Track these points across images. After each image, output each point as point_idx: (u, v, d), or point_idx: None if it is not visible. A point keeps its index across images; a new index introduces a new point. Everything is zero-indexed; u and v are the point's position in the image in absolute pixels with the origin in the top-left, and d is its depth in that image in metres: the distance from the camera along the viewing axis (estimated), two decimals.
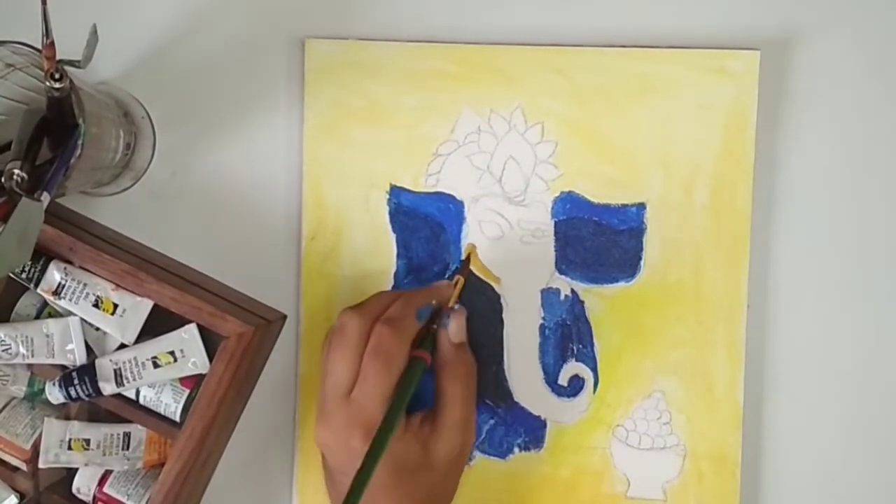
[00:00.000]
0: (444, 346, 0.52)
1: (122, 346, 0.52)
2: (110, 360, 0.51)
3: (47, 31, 0.42)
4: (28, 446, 0.53)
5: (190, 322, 0.51)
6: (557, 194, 0.54)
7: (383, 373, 0.48)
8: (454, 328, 0.52)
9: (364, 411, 0.48)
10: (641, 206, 0.54)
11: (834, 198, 0.55)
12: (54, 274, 0.51)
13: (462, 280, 0.54)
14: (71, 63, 0.45)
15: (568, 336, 0.55)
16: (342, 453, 0.49)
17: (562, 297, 0.55)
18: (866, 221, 0.55)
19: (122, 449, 0.54)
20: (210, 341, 0.51)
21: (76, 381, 0.51)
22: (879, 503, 0.56)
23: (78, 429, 0.53)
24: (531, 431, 0.56)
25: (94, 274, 0.51)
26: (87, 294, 0.51)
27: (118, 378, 0.51)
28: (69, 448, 0.53)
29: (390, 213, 0.55)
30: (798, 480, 0.56)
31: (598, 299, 0.55)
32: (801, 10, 0.54)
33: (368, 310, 0.50)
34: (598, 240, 0.55)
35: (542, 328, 0.55)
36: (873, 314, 0.55)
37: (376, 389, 0.48)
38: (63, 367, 0.52)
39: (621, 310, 0.55)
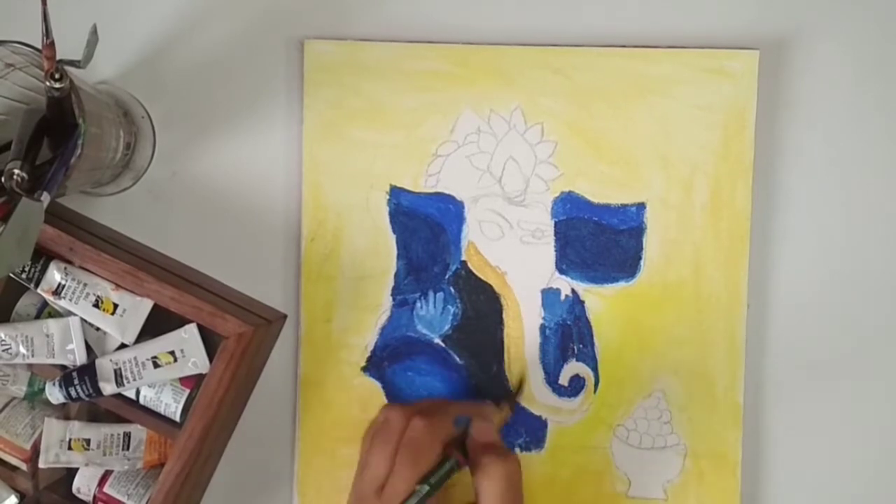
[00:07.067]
0: (473, 447, 0.52)
1: (123, 345, 0.52)
2: (110, 360, 0.51)
3: (47, 31, 0.42)
4: (28, 446, 0.53)
5: (190, 322, 0.51)
6: (557, 194, 0.54)
7: (409, 465, 0.48)
8: (478, 428, 0.52)
9: None
10: (641, 206, 0.54)
11: (833, 197, 0.55)
12: (54, 274, 0.51)
13: (509, 411, 0.54)
14: (71, 63, 0.45)
15: (568, 336, 0.55)
16: None
17: (562, 297, 0.55)
18: (865, 220, 0.55)
19: (123, 449, 0.54)
20: (210, 341, 0.51)
21: (76, 381, 0.51)
22: (879, 501, 0.57)
23: (78, 429, 0.53)
24: (532, 432, 0.56)
25: (94, 274, 0.51)
26: (88, 294, 0.51)
27: (118, 378, 0.51)
28: (69, 448, 0.53)
29: (390, 213, 0.55)
30: (798, 479, 0.56)
31: (599, 299, 0.55)
32: (799, 11, 0.54)
33: (410, 407, 0.51)
34: (598, 240, 0.55)
35: (543, 328, 0.55)
36: (873, 313, 0.56)
37: (402, 483, 0.48)
38: (63, 367, 0.52)
39: (621, 310, 0.55)
